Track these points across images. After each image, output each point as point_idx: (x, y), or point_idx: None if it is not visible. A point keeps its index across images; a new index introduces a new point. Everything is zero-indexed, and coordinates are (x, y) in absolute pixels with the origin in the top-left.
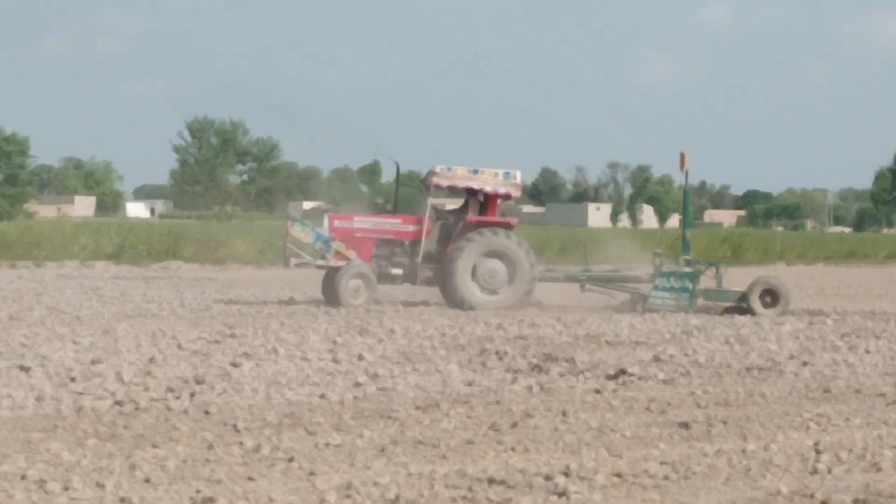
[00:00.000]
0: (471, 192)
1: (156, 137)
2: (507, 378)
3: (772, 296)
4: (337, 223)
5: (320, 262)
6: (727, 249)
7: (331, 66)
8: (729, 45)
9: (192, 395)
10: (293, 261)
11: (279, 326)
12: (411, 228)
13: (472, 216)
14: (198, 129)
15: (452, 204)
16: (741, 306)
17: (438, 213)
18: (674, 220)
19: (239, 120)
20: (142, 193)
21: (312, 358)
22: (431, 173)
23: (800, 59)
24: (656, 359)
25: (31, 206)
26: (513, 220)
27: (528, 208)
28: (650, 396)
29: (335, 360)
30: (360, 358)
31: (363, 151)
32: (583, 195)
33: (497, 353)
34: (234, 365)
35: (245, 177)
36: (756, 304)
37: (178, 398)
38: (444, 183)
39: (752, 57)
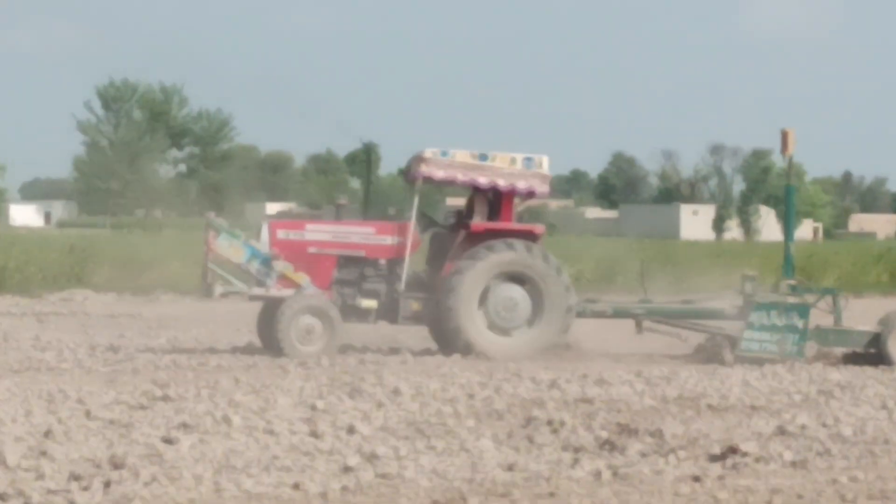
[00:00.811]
0: (477, 188)
1: (52, 110)
2: (564, 459)
3: None
4: (281, 234)
5: (256, 292)
6: (882, 272)
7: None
8: None
9: (107, 484)
10: (218, 289)
11: (233, 385)
12: (389, 241)
13: (478, 222)
14: (113, 99)
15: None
16: (870, 353)
17: (429, 218)
18: (806, 229)
19: (173, 85)
20: (32, 192)
21: (282, 431)
22: (419, 160)
23: None
24: (781, 431)
25: None
26: (537, 228)
27: (594, 212)
28: (773, 486)
29: (315, 435)
30: (351, 431)
31: (348, 132)
32: (673, 193)
33: (550, 423)
34: (168, 441)
35: (183, 167)
36: (894, 349)
37: (86, 489)
38: (439, 174)
39: None
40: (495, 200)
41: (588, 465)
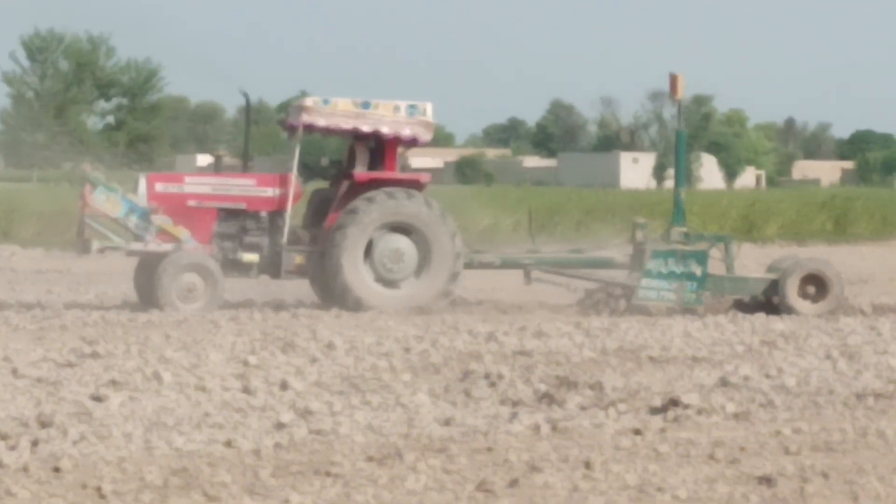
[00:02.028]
0: (358, 137)
1: None
2: (502, 413)
3: (816, 284)
4: (160, 187)
5: (135, 247)
6: (827, 220)
7: None
8: None
9: (35, 443)
10: (95, 244)
11: (163, 341)
12: (270, 193)
13: (360, 172)
14: (39, 49)
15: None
16: (770, 300)
17: (311, 168)
18: (749, 176)
19: (100, 35)
20: None
21: (213, 387)
22: (300, 108)
23: None
24: (724, 382)
25: None
26: (423, 176)
27: (532, 161)
28: (715, 439)
29: (247, 391)
30: (285, 386)
31: (279, 82)
32: (613, 141)
33: (487, 376)
34: (97, 399)
35: (111, 119)
36: (794, 297)
37: (13, 449)
38: (321, 122)
39: None
40: (378, 149)
41: (526, 419)
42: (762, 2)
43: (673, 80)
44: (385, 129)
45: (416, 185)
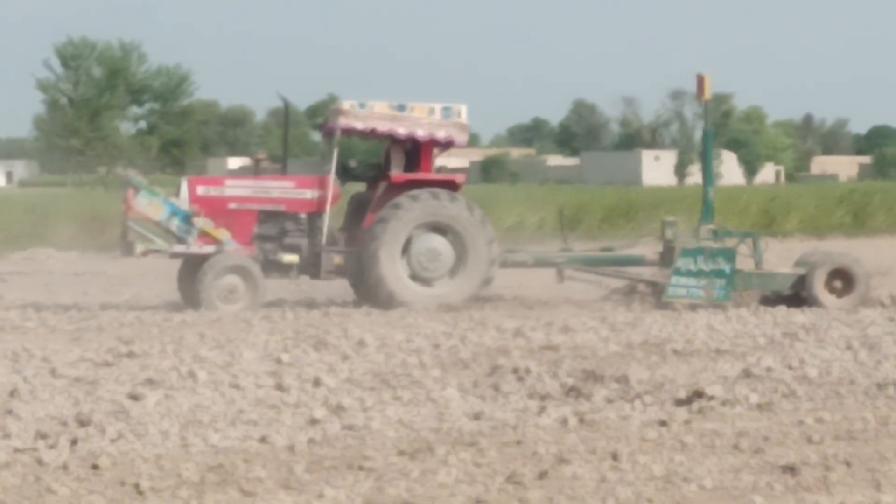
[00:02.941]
0: (394, 139)
1: (11, 70)
2: (530, 407)
3: (843, 279)
4: (201, 190)
5: (177, 249)
6: (846, 214)
7: None
8: None
9: (74, 442)
10: (139, 247)
11: (198, 340)
12: (309, 195)
13: (396, 173)
14: (73, 57)
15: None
16: (798, 295)
17: (348, 171)
18: (768, 172)
19: (132, 42)
20: None
21: (247, 385)
22: (338, 112)
23: None
24: (747, 374)
25: None
26: (459, 177)
27: (556, 160)
28: (739, 429)
29: (280, 388)
30: (317, 383)
31: (309, 85)
32: (634, 139)
33: (516, 371)
34: (134, 397)
35: (143, 124)
36: (821, 291)
37: (52, 447)
38: (358, 126)
39: None
40: (414, 151)
41: (554, 413)
42: (780, 1)
43: (700, 81)
44: (420, 132)
45: (451, 185)
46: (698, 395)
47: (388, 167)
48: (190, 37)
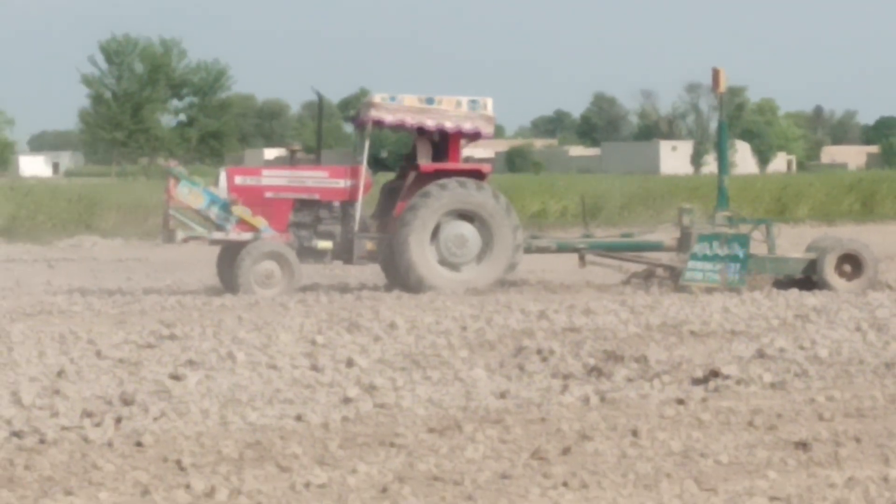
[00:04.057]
0: (422, 131)
1: (58, 66)
2: (554, 386)
3: (852, 264)
4: (239, 180)
5: (216, 236)
6: (855, 201)
7: None
8: None
9: (119, 420)
10: (179, 234)
11: (236, 323)
12: (342, 184)
13: (425, 163)
14: (116, 53)
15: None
16: (809, 279)
17: (380, 161)
18: (779, 162)
19: (172, 39)
20: (41, 144)
21: (284, 365)
22: (369, 105)
23: None
24: (761, 354)
25: None
26: (485, 167)
27: (577, 150)
28: (753, 407)
29: (315, 368)
30: (350, 364)
31: (341, 79)
32: (652, 130)
33: (540, 351)
34: (176, 377)
35: (183, 116)
36: (831, 275)
37: (98, 426)
38: (388, 118)
39: None
40: (442, 142)
41: (577, 391)
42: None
43: (715, 74)
44: (448, 124)
45: (478, 174)
46: (714, 374)
47: (415, 158)
48: (228, 33)
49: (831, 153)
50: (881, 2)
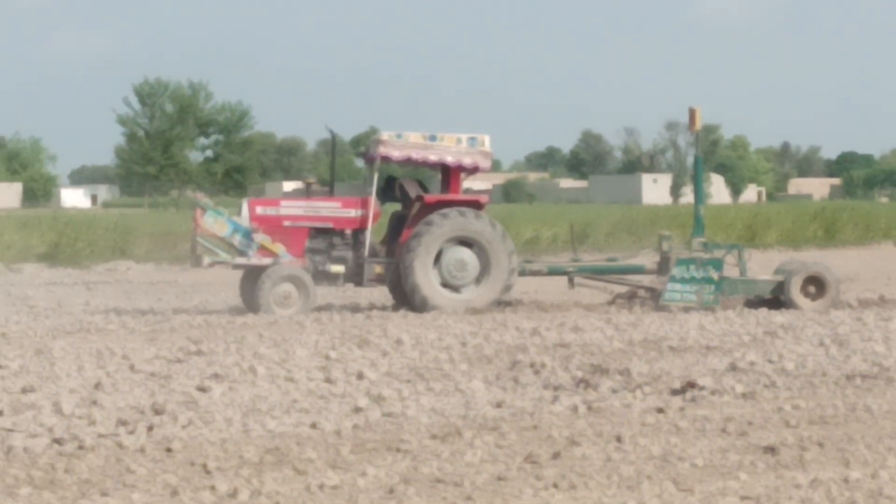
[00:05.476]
0: (427, 166)
1: (96, 107)
2: (545, 397)
3: (816, 285)
4: (259, 210)
5: (239, 261)
6: (818, 228)
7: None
8: None
9: (150, 428)
10: (206, 259)
11: (257, 339)
12: (353, 213)
13: (429, 195)
14: (148, 95)
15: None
16: (777, 299)
17: (387, 193)
18: (750, 193)
19: (200, 82)
20: (80, 177)
21: (300, 378)
22: (378, 142)
23: None
24: (733, 367)
25: None
26: (482, 197)
27: (567, 182)
28: (726, 415)
29: (329, 381)
30: (360, 376)
31: (352, 118)
32: (635, 164)
33: (532, 365)
34: (202, 389)
35: (209, 153)
36: (797, 295)
37: (131, 433)
38: (395, 154)
39: None
40: (444, 176)
41: (566, 401)
42: (762, 46)
43: (692, 113)
44: (449, 159)
45: (476, 205)
46: (691, 385)
47: (407, 193)
48: (250, 77)
49: (797, 185)
50: (843, 48)
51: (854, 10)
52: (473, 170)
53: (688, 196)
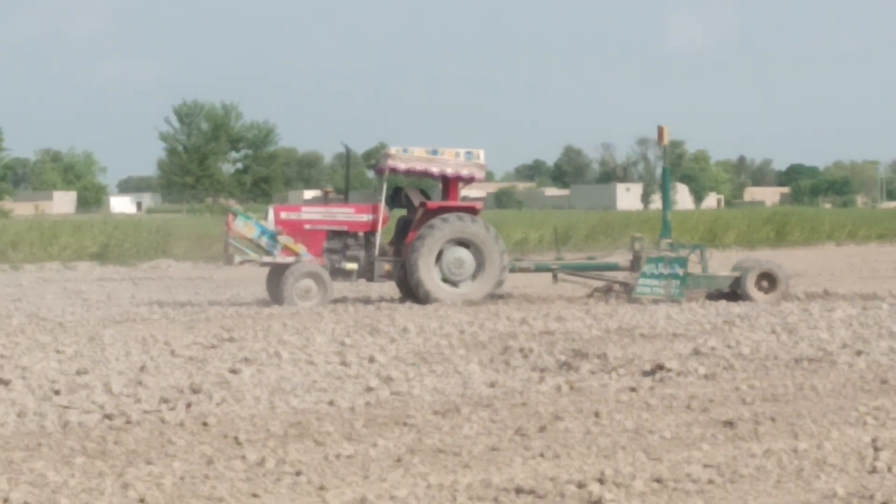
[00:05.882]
0: (429, 176)
1: (141, 125)
2: (533, 377)
3: (769, 280)
4: (283, 215)
5: (266, 259)
6: (770, 231)
7: (317, 38)
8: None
9: (189, 405)
10: (237, 258)
11: (281, 328)
12: (365, 218)
13: (431, 202)
14: (186, 115)
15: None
16: (735, 292)
17: (395, 200)
18: (711, 200)
19: (231, 103)
20: (127, 187)
21: (319, 361)
22: (386, 156)
23: (848, 14)
24: (696, 352)
25: (5, 204)
26: (477, 204)
27: (552, 191)
28: (690, 393)
29: (344, 363)
30: (372, 360)
31: (364, 134)
32: (611, 175)
33: (521, 350)
34: (234, 371)
35: (239, 165)
36: (752, 290)
37: (172, 409)
38: (402, 166)
39: (792, 14)
40: (444, 185)
41: (551, 382)
42: (722, 72)
43: (660, 130)
44: (449, 170)
45: (473, 210)
46: (660, 367)
47: (411, 201)
48: (275, 99)
49: (752, 193)
50: (793, 74)
51: (802, 42)
52: (470, 180)
53: (657, 203)
